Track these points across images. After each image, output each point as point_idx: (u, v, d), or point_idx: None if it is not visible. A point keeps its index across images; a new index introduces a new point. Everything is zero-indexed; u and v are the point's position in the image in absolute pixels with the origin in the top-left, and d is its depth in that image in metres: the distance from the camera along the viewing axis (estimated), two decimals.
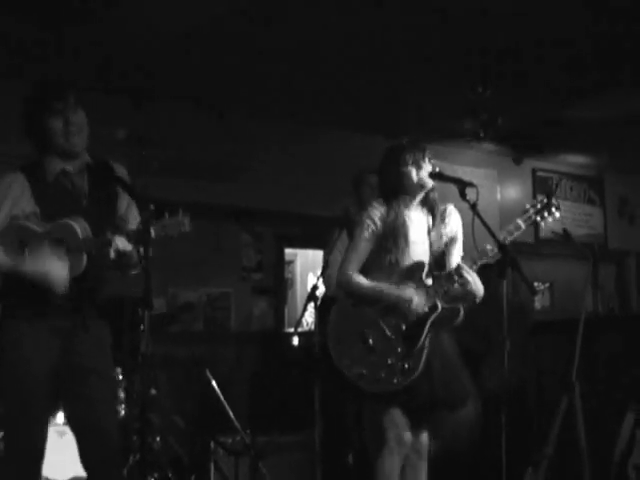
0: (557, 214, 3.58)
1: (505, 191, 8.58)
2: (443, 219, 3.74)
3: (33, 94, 3.21)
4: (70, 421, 3.27)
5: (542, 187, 8.84)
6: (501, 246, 3.42)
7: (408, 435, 3.61)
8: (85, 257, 3.05)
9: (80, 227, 3.04)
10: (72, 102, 3.13)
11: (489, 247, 3.48)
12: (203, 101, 6.52)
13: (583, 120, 7.13)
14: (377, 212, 3.68)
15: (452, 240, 3.75)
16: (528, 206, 3.59)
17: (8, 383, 3.08)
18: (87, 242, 3.04)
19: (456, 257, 3.71)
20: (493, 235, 3.42)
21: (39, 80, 3.42)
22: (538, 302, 8.43)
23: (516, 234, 3.51)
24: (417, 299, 3.57)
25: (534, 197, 8.74)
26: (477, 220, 3.42)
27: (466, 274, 3.51)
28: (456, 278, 3.54)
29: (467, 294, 3.56)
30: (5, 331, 3.09)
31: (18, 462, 3.04)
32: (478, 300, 3.59)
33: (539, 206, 3.56)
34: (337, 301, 3.77)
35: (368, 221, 3.67)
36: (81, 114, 3.14)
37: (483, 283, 3.58)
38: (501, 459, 3.34)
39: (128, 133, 3.11)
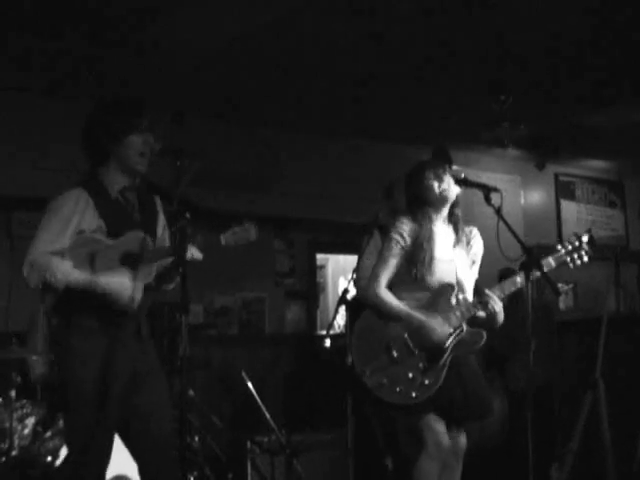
0: (586, 259, 3.63)
1: (529, 195, 8.59)
2: (468, 241, 3.78)
3: (114, 107, 3.13)
4: (122, 432, 3.11)
5: (564, 191, 8.85)
6: (526, 249, 3.46)
7: (447, 439, 3.58)
8: (155, 267, 3.07)
9: (149, 239, 3.05)
10: (151, 123, 3.09)
11: (519, 280, 3.52)
12: (235, 115, 6.57)
13: (603, 126, 7.09)
14: (406, 227, 3.70)
15: (473, 263, 3.79)
16: (560, 247, 3.64)
17: (79, 398, 2.97)
18: (167, 250, 3.04)
19: (473, 279, 3.76)
20: (517, 238, 3.45)
21: (118, 96, 3.30)
22: (562, 302, 8.41)
23: (546, 270, 3.52)
24: (440, 330, 3.56)
25: (557, 201, 8.83)
26: (502, 224, 3.47)
27: (494, 304, 3.54)
28: (484, 306, 3.55)
29: (491, 322, 3.59)
30: (66, 345, 3.00)
31: (90, 471, 2.97)
32: (497, 326, 3.60)
33: (570, 248, 3.63)
34: (364, 310, 3.75)
35: (397, 236, 3.70)
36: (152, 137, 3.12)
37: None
38: (527, 454, 3.34)
39: (165, 146, 3.20)
